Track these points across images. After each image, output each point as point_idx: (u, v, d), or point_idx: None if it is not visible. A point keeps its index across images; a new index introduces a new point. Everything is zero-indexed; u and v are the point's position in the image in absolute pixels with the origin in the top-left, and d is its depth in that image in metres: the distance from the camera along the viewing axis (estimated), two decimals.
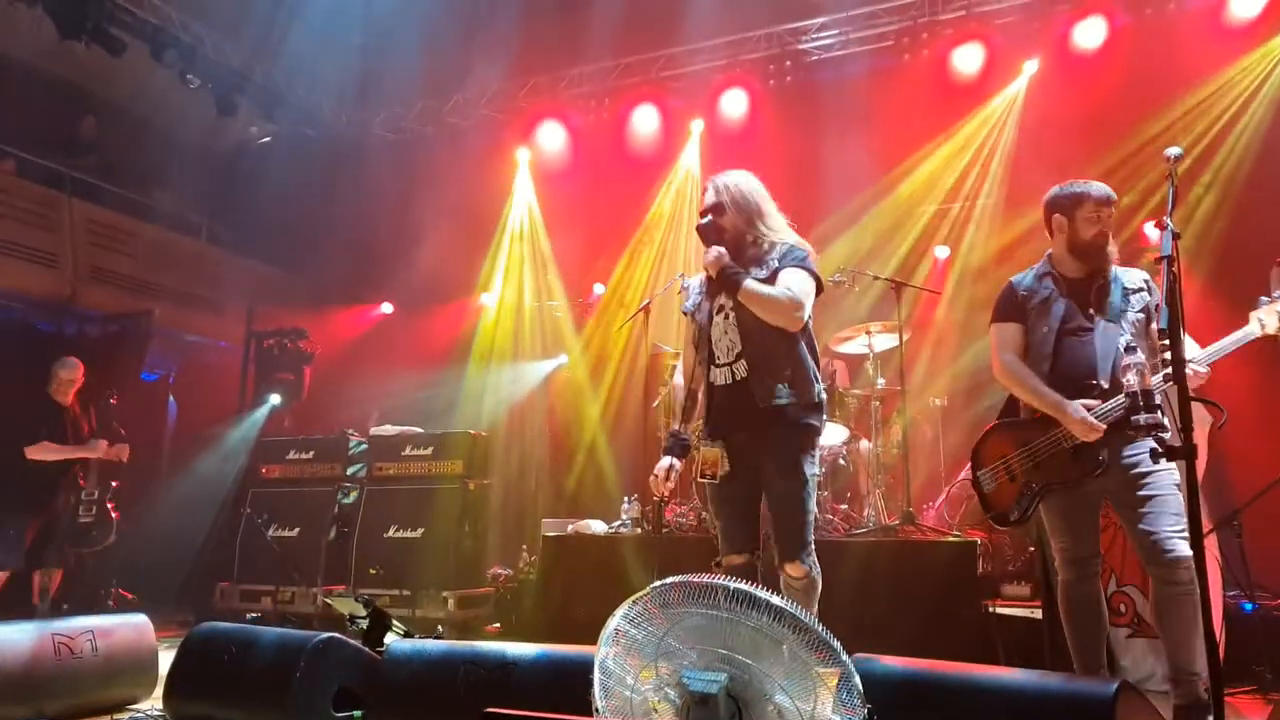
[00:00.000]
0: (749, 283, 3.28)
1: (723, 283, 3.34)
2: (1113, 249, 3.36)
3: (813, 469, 3.32)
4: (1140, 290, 3.33)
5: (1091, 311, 3.30)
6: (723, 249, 3.35)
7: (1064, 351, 3.31)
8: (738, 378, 3.33)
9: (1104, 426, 3.13)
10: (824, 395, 3.39)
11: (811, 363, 3.37)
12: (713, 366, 3.41)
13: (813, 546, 3.28)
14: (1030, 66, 7.51)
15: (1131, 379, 2.93)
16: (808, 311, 3.31)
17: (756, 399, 3.28)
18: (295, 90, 9.28)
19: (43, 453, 5.93)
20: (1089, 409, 3.14)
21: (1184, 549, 2.98)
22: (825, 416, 3.42)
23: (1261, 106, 6.78)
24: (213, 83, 8.35)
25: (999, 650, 4.46)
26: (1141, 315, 3.27)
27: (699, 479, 3.44)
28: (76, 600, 6.29)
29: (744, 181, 3.48)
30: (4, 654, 3.11)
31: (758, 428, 3.29)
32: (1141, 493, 3.12)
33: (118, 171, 9.55)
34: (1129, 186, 6.47)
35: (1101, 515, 3.41)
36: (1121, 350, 3.04)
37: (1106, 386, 3.18)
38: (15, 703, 3.09)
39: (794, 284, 3.28)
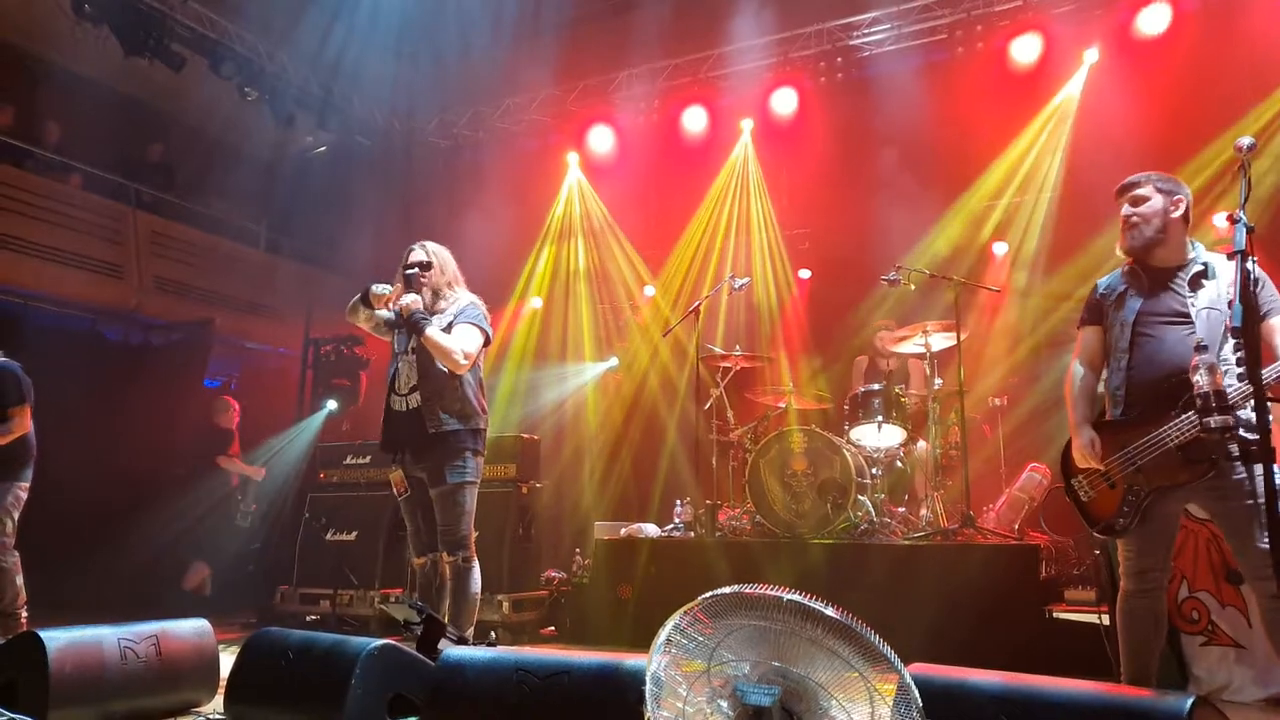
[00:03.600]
0: (431, 330, 3.93)
1: (409, 326, 3.98)
2: (1158, 236, 3.16)
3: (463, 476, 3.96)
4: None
5: (1189, 300, 3.10)
6: (418, 296, 4.01)
7: (1143, 346, 3.16)
8: (411, 407, 4.00)
9: (1099, 458, 3.14)
10: (483, 424, 4.10)
11: (473, 396, 4.06)
12: (393, 395, 4.09)
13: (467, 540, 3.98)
14: (1091, 55, 7.32)
15: (1200, 379, 2.79)
16: (473, 361, 4.02)
17: (427, 425, 3.93)
18: (349, 100, 9.43)
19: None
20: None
21: None
22: (481, 442, 4.08)
23: None
24: (269, 94, 8.55)
25: (1063, 658, 4.32)
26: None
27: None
28: None
29: (447, 251, 4.25)
30: (72, 658, 3.18)
31: (425, 448, 3.96)
32: (1240, 504, 2.92)
33: (179, 184, 9.80)
34: (1198, 177, 6.25)
35: None
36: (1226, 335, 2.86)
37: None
38: (81, 705, 3.16)
39: (465, 339, 3.98)
